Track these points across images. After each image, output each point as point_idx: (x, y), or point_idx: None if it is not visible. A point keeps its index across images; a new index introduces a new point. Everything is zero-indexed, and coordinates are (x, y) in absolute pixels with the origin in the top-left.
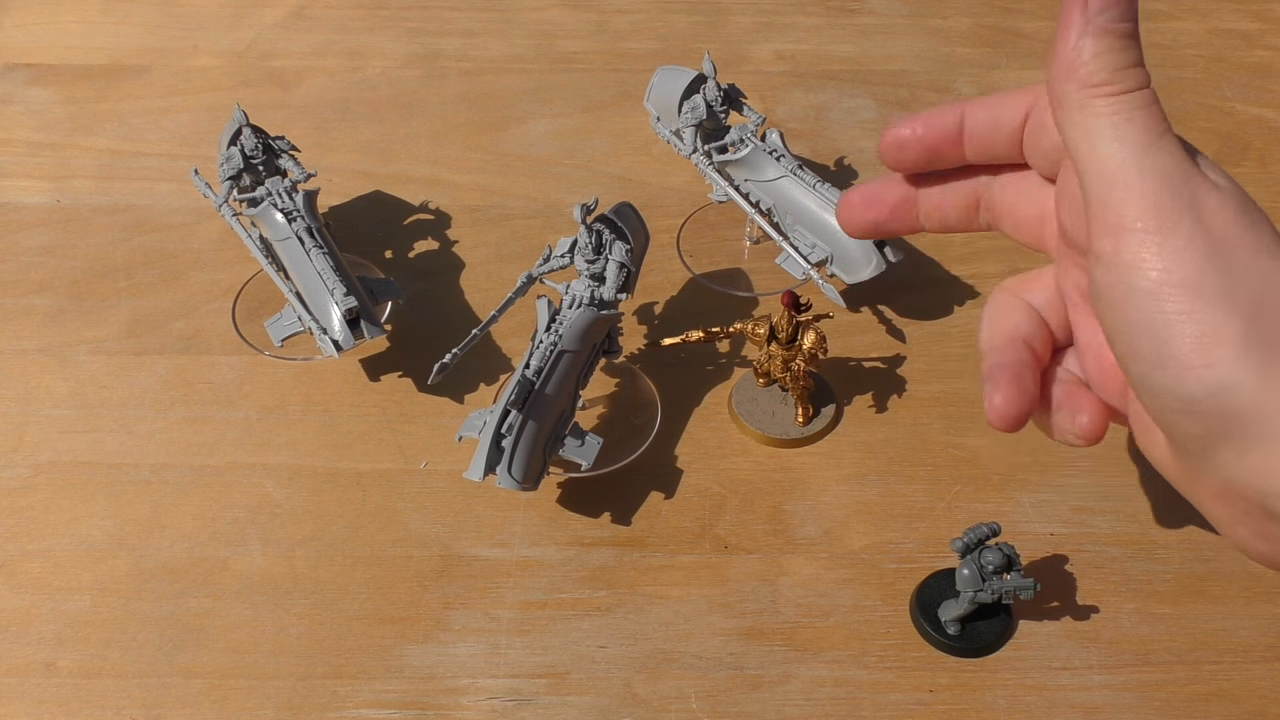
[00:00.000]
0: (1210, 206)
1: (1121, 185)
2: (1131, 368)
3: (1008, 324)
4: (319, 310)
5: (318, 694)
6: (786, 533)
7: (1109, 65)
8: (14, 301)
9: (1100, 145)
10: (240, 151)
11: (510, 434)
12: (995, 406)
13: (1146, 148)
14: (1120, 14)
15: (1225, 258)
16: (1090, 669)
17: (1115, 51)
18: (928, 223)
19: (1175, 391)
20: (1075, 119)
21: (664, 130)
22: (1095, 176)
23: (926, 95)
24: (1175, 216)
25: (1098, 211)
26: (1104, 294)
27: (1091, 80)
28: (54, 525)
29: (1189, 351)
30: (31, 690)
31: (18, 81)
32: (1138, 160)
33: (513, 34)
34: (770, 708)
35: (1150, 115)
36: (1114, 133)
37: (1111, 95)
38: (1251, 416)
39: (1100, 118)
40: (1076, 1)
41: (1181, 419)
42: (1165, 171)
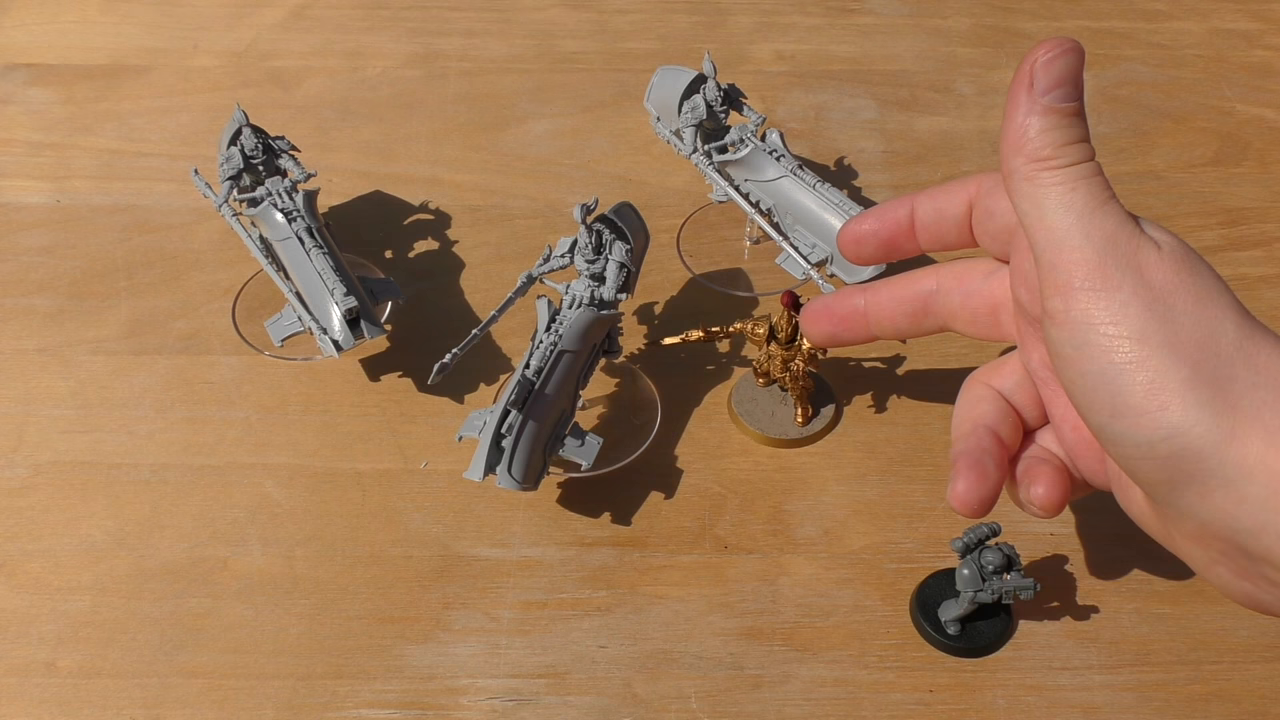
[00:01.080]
0: (1150, 263)
1: (1069, 248)
2: (1092, 419)
3: (975, 413)
4: (319, 310)
5: (318, 694)
6: (786, 533)
7: (1054, 141)
8: (14, 301)
9: (1048, 214)
10: (240, 151)
11: (510, 434)
12: (957, 493)
13: (1091, 214)
14: (1064, 95)
15: (1167, 308)
16: (1090, 669)
17: (1060, 129)
18: (878, 330)
19: (1133, 438)
20: (1024, 190)
21: (664, 130)
22: (1045, 242)
23: (926, 95)
24: (1119, 274)
25: (1048, 274)
26: (1060, 351)
27: (1038, 155)
28: (54, 525)
29: (1141, 398)
30: (31, 690)
31: (18, 81)
32: (1083, 225)
33: (513, 34)
34: (770, 708)
35: (1093, 185)
36: (1060, 202)
37: (1057, 169)
38: (1208, 456)
39: (1047, 189)
40: (1023, 82)
41: (1144, 464)
42: (1108, 234)
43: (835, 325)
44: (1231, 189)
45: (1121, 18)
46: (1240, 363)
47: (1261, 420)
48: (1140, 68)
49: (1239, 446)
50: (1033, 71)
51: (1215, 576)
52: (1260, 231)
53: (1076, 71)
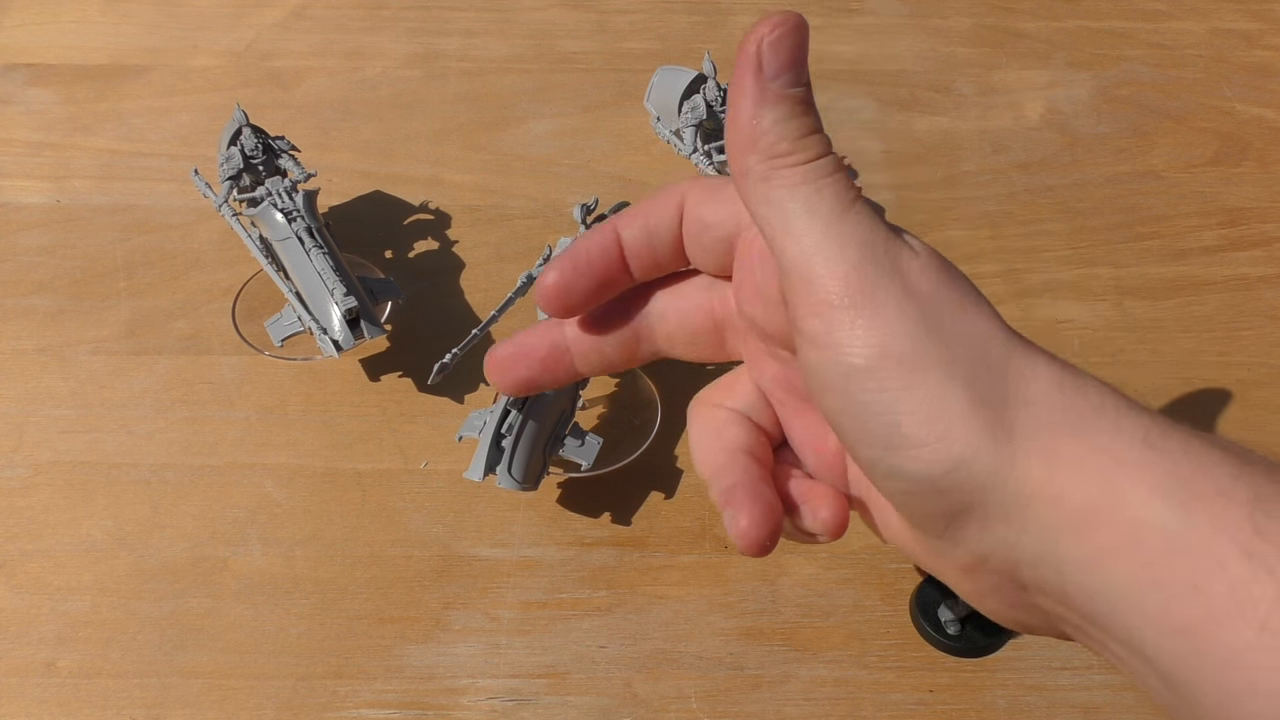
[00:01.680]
0: (914, 270)
1: (822, 260)
2: (861, 452)
3: (724, 439)
4: (319, 310)
5: (318, 694)
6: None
7: (791, 134)
8: (14, 301)
9: (793, 221)
10: (240, 151)
11: (510, 434)
12: (744, 532)
13: (841, 217)
14: (794, 79)
15: (936, 322)
16: (1090, 669)
17: (795, 118)
18: (585, 366)
19: (912, 472)
20: (761, 193)
21: (664, 130)
22: (794, 255)
23: (926, 95)
24: (884, 286)
25: (801, 290)
26: (821, 378)
27: (774, 151)
28: (54, 525)
29: (919, 428)
30: (31, 690)
31: (18, 81)
32: (834, 232)
33: (513, 34)
34: (770, 708)
35: (838, 182)
36: (805, 206)
37: (796, 165)
38: (990, 485)
39: (788, 190)
40: (748, 67)
41: (922, 500)
42: (863, 240)
43: (535, 369)
44: (1231, 189)
45: (1121, 18)
46: (1010, 379)
47: (1039, 442)
48: (1140, 68)
49: (1020, 473)
50: (760, 53)
51: (985, 607)
52: (1260, 231)
53: (803, 51)
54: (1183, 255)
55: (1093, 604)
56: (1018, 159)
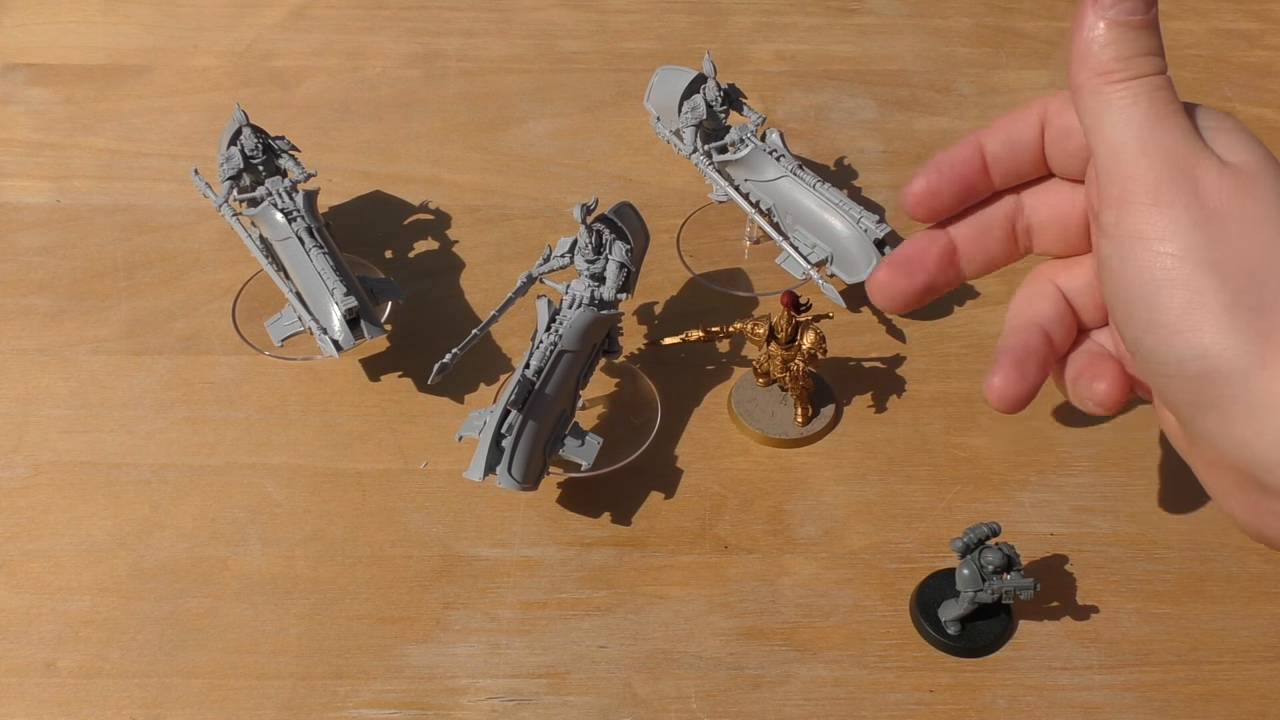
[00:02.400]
0: (1209, 182)
1: (1126, 161)
2: (1126, 333)
3: (1030, 309)
4: (319, 310)
5: (318, 694)
6: (786, 533)
7: (1119, 54)
8: (14, 301)
9: (1108, 127)
10: (240, 151)
11: (510, 434)
12: (993, 387)
13: (1151, 128)
14: (1132, 8)
15: (1219, 230)
16: (1090, 669)
17: (1126, 41)
18: (970, 268)
19: (1163, 355)
20: (1088, 104)
21: (664, 130)
22: (1104, 154)
23: (926, 95)
24: (1172, 190)
25: (1105, 187)
26: (1105, 262)
27: (1103, 68)
28: (54, 525)
29: (1176, 316)
30: (31, 690)
31: (18, 81)
32: (1141, 140)
33: (513, 34)
34: (770, 708)
35: (1157, 98)
36: (1121, 115)
37: (1120, 82)
38: (1235, 382)
39: (1110, 102)
40: None
41: (1170, 383)
42: (1166, 148)
43: (931, 273)
44: None
45: None
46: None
47: None
48: None
49: (1267, 377)
50: None
51: (1228, 506)
52: None
53: None
54: None
55: None
56: None
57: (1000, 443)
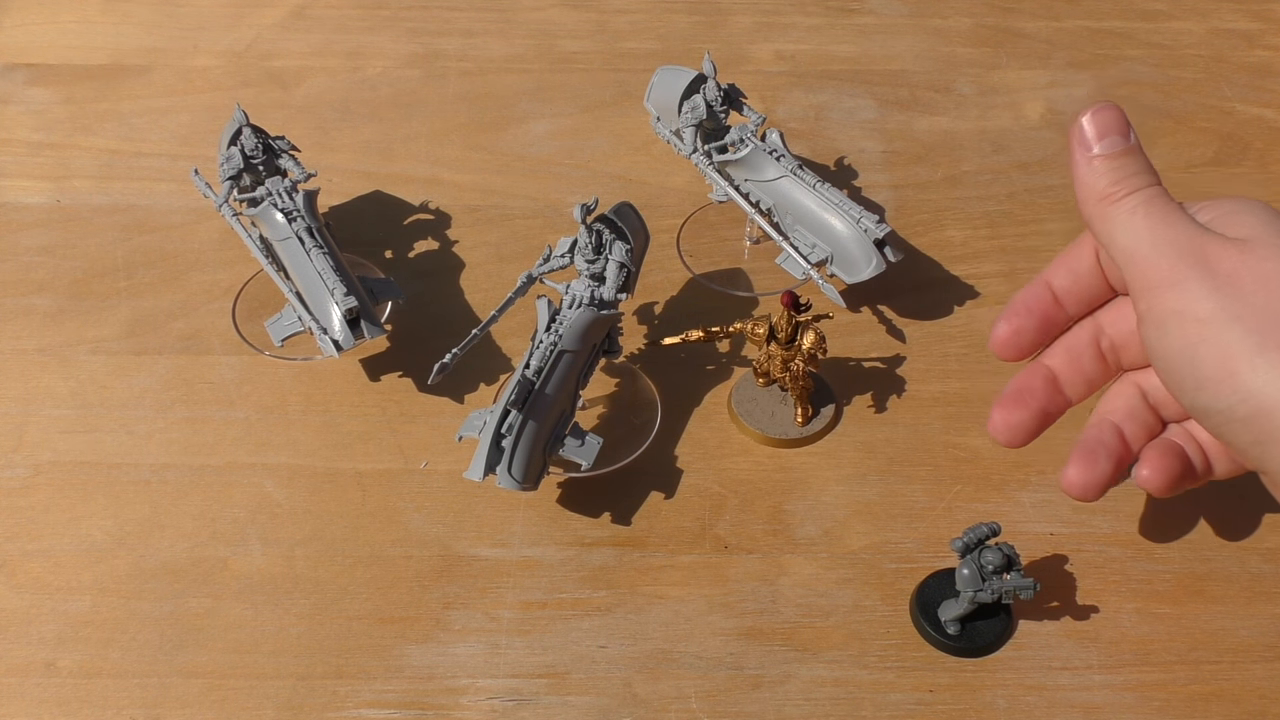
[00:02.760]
0: (1216, 255)
1: (1140, 259)
2: (1183, 399)
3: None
4: (319, 310)
5: (318, 694)
6: (786, 533)
7: (1113, 180)
8: (14, 301)
9: (1119, 238)
10: (240, 151)
11: (510, 434)
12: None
13: (1154, 228)
14: (1112, 142)
15: (1235, 291)
16: (1090, 669)
17: (1116, 169)
18: (1074, 392)
19: (1215, 406)
20: (1100, 226)
21: (664, 130)
22: (1123, 260)
23: (926, 95)
24: (1185, 269)
25: (1132, 284)
26: (1149, 345)
27: (1102, 195)
28: (54, 525)
29: (1214, 368)
30: (31, 690)
31: (18, 81)
32: (1149, 238)
33: (513, 34)
34: (770, 708)
35: (1154, 205)
36: (1128, 226)
37: (1119, 200)
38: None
39: (1115, 218)
40: (1075, 140)
41: (1230, 429)
42: (1171, 240)
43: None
44: (1231, 189)
45: (1121, 18)
46: None
47: None
48: (1140, 68)
49: None
50: (1080, 131)
51: None
52: None
53: (1118, 121)
54: None
55: None
56: (1018, 159)
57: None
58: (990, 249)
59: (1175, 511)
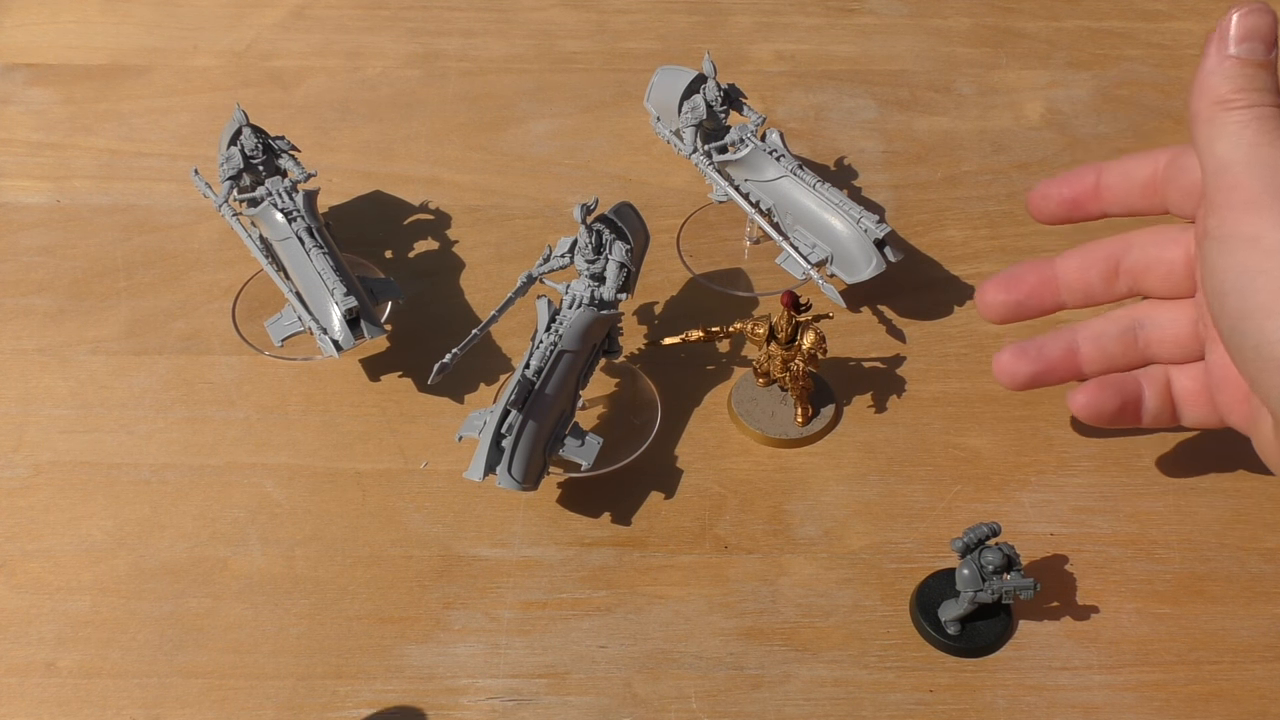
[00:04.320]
0: None
1: (1230, 174)
2: (1222, 324)
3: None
4: (319, 310)
5: (318, 694)
6: (786, 533)
7: (1237, 87)
8: (14, 301)
9: (1218, 146)
10: (240, 151)
11: (510, 434)
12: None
13: (1257, 147)
14: (1251, 49)
15: None
16: (1090, 669)
17: (1245, 76)
18: (1070, 297)
19: (1255, 339)
20: (1204, 129)
21: (664, 130)
22: (1214, 169)
23: (927, 95)
24: (1272, 197)
25: (1211, 195)
26: (1206, 261)
27: (1220, 98)
28: (54, 525)
29: (1265, 300)
30: (31, 690)
31: (18, 81)
32: (1248, 156)
33: (513, 34)
34: (770, 708)
35: (1266, 125)
36: (1232, 137)
37: (1234, 109)
38: None
39: (1225, 125)
40: (1215, 35)
41: (1257, 368)
42: (1268, 162)
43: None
44: None
45: (1121, 18)
46: None
47: None
48: (1140, 68)
49: None
50: (1226, 25)
51: None
52: None
53: (1267, 30)
54: None
55: None
56: (1018, 159)
57: (1000, 443)
58: (990, 249)
59: (1175, 511)
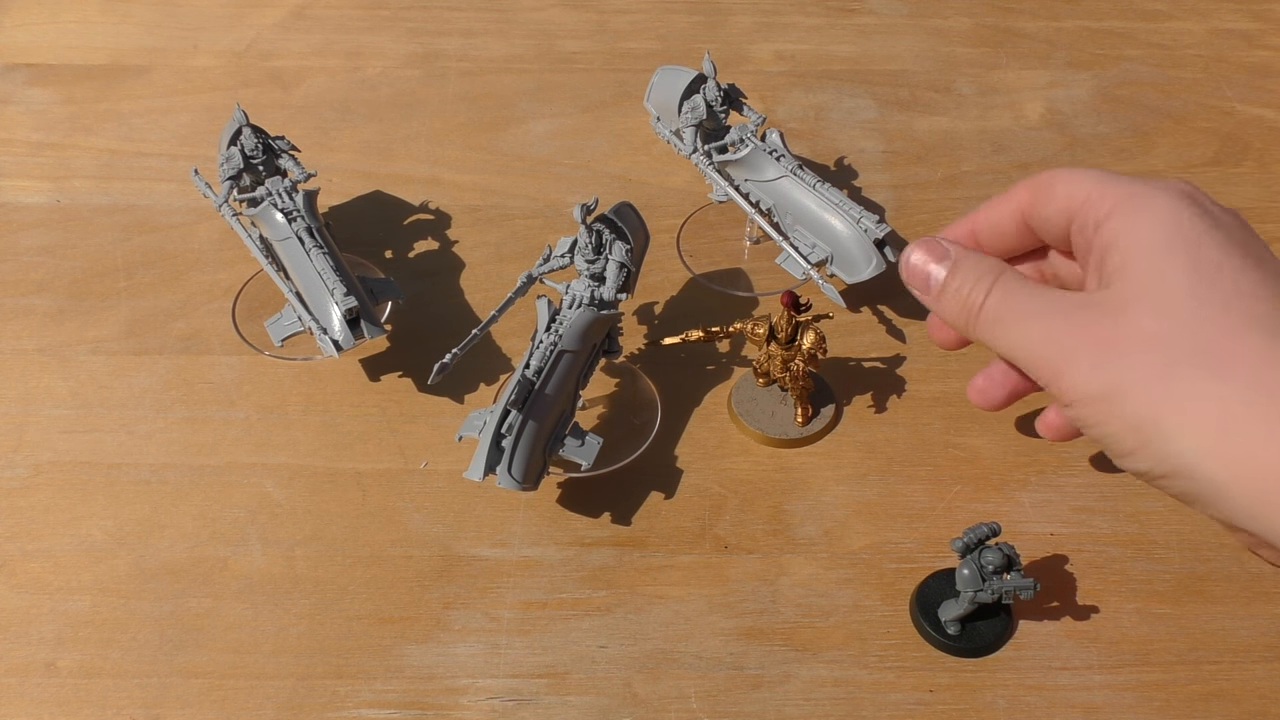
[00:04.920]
0: (1084, 329)
1: (1023, 362)
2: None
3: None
4: (319, 310)
5: (318, 694)
6: (786, 533)
7: (959, 306)
8: (14, 301)
9: (998, 349)
10: (240, 151)
11: (510, 434)
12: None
13: (1019, 332)
14: (937, 273)
15: (1116, 361)
16: (1090, 669)
17: (956, 293)
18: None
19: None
20: (980, 341)
21: (664, 130)
22: (1015, 363)
23: (926, 95)
24: (1062, 360)
25: (1046, 385)
26: (1073, 424)
27: (962, 323)
28: (54, 525)
29: (1129, 441)
30: (31, 690)
31: (18, 81)
32: (1021, 342)
33: (513, 34)
34: (770, 708)
35: (1007, 305)
36: (996, 337)
37: (976, 316)
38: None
39: (984, 335)
40: (914, 289)
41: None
42: (1038, 336)
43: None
44: (1231, 189)
45: (1121, 18)
46: None
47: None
48: (1140, 68)
49: (1210, 465)
50: (910, 276)
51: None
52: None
53: (933, 249)
54: None
55: None
56: (1018, 159)
57: (1000, 443)
58: None
59: (1175, 511)
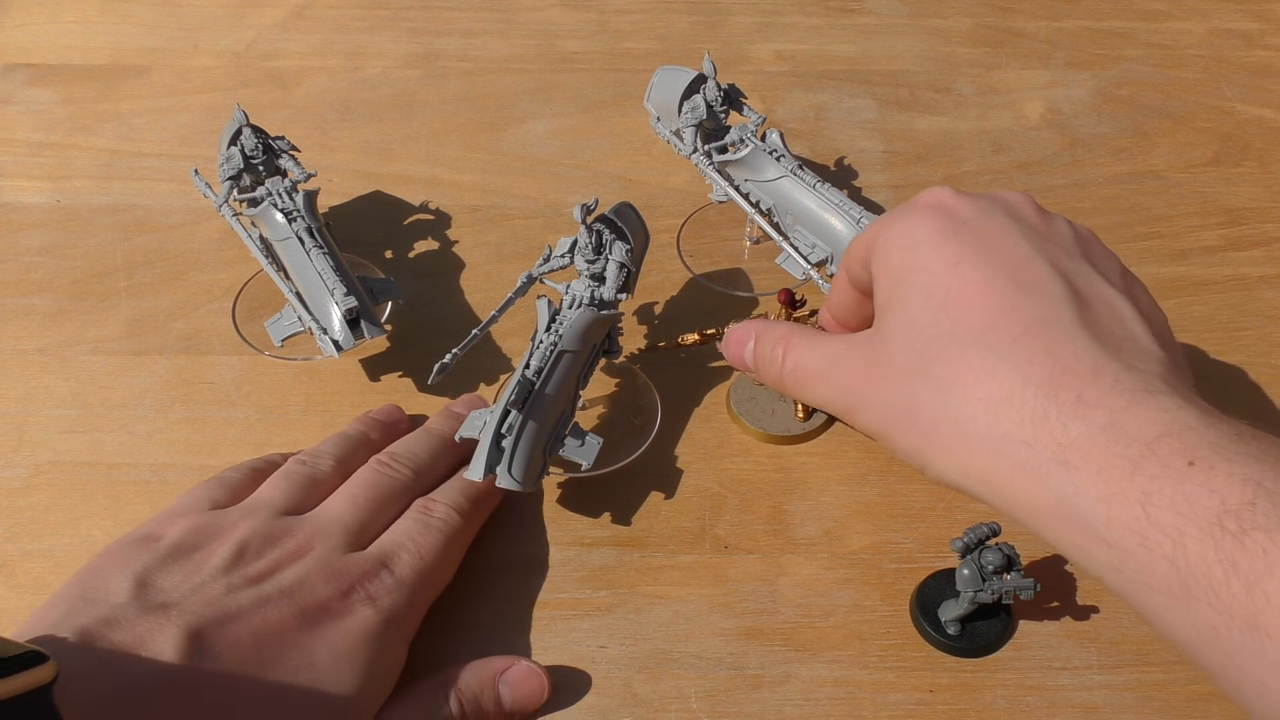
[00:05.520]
0: (851, 371)
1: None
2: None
3: None
4: (319, 310)
5: None
6: (786, 533)
7: (772, 372)
8: (14, 301)
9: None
10: (240, 151)
11: (510, 434)
12: None
13: (809, 381)
14: (750, 351)
15: (872, 397)
16: (1090, 669)
17: (765, 360)
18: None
19: (943, 480)
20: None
21: (664, 130)
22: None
23: (926, 95)
24: (844, 402)
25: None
26: None
27: (770, 381)
28: (54, 525)
29: (916, 462)
30: None
31: (18, 81)
32: (815, 389)
33: (513, 34)
34: (770, 708)
35: (795, 362)
36: (797, 390)
37: (781, 371)
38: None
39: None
40: (736, 365)
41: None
42: (818, 378)
43: None
44: (1231, 189)
45: (1121, 18)
46: None
47: None
48: (1140, 68)
49: (952, 478)
50: (732, 354)
51: None
52: (1260, 231)
53: (746, 334)
54: (1183, 255)
55: None
56: (1018, 159)
57: None
58: None
59: None
